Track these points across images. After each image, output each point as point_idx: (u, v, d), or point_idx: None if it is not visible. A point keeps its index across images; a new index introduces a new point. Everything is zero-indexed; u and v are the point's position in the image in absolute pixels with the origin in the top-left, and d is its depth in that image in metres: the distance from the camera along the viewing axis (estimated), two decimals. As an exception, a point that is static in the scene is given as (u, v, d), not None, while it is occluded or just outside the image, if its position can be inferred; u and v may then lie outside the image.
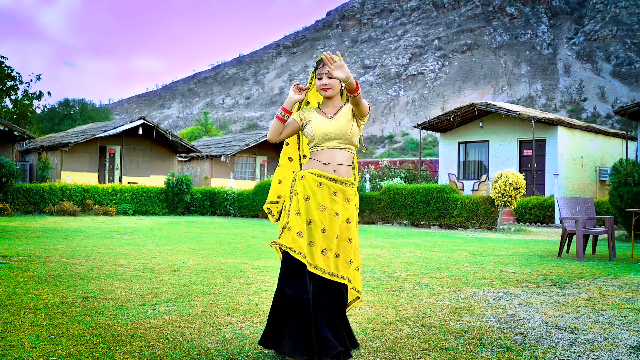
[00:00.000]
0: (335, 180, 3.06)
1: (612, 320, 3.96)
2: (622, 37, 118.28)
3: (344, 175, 3.09)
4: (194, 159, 28.04)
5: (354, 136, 3.11)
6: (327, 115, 3.12)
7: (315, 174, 3.06)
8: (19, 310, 3.92)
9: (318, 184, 3.04)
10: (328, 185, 3.05)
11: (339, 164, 3.09)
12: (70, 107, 45.77)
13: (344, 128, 3.08)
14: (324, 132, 3.07)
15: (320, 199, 3.03)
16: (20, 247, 8.08)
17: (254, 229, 13.74)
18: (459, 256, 7.99)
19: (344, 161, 3.10)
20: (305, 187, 3.05)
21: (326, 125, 3.08)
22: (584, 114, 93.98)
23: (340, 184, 3.08)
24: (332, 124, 3.08)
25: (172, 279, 5.49)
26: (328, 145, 3.09)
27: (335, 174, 3.07)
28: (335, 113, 3.13)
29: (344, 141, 3.09)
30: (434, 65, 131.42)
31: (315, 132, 3.07)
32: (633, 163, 11.22)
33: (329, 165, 3.07)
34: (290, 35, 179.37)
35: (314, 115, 3.14)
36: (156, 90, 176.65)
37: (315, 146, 3.11)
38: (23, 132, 21.52)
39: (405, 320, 3.82)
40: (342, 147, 3.10)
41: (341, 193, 3.08)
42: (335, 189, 3.06)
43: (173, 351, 3.01)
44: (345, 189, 3.09)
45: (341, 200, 3.08)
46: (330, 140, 3.08)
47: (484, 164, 21.62)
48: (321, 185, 3.04)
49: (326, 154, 3.09)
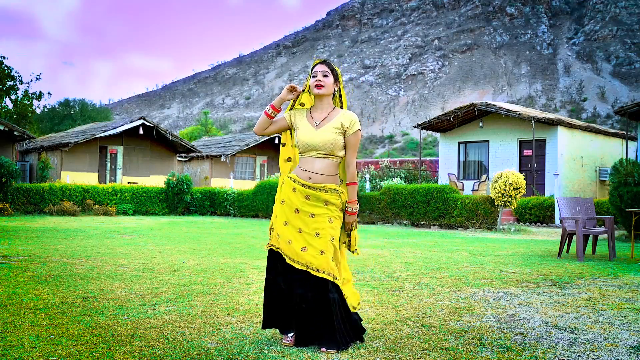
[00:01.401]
0: (308, 187, 3.22)
1: (612, 320, 3.96)
2: (622, 37, 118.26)
3: (319, 182, 3.23)
4: (194, 159, 28.04)
5: (337, 149, 3.24)
6: (314, 122, 3.26)
7: (292, 179, 3.26)
8: (19, 310, 3.92)
9: (292, 188, 3.24)
10: (300, 190, 3.23)
11: (315, 173, 3.23)
12: (70, 107, 45.79)
13: (327, 141, 3.22)
14: (306, 143, 3.24)
15: (295, 202, 3.22)
16: (20, 247, 8.08)
17: (254, 229, 13.74)
18: (459, 256, 7.99)
19: (321, 169, 3.24)
20: (282, 192, 3.29)
21: (310, 135, 3.23)
22: (584, 114, 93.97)
23: (314, 189, 3.22)
24: (317, 135, 3.23)
25: (172, 279, 5.49)
26: (310, 154, 3.25)
27: (310, 181, 3.23)
28: (323, 119, 3.25)
29: (325, 153, 3.23)
30: (434, 65, 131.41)
31: (299, 141, 3.26)
32: (633, 163, 11.22)
33: (306, 172, 3.25)
34: (290, 35, 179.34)
35: (302, 121, 3.29)
36: (156, 90, 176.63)
37: (300, 153, 3.30)
38: (23, 132, 21.52)
39: (405, 320, 3.82)
40: (323, 157, 3.24)
41: (313, 198, 3.22)
42: (308, 194, 3.22)
43: (173, 351, 3.01)
44: (320, 194, 3.22)
45: (317, 203, 3.22)
46: (312, 151, 3.24)
47: (484, 164, 21.62)
48: (295, 189, 3.23)
49: (307, 161, 3.27)
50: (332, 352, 3.02)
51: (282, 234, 3.20)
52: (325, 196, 3.21)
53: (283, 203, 3.25)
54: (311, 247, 3.13)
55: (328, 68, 3.27)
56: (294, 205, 3.21)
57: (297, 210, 3.20)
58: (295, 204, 3.21)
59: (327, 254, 3.14)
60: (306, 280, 3.13)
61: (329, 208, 3.22)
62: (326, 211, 3.21)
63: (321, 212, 3.20)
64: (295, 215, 3.20)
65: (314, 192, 3.20)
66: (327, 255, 3.13)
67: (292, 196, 3.22)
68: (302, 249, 3.13)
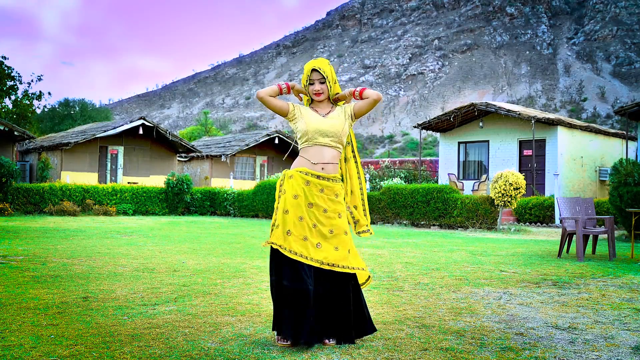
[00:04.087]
0: (323, 178, 3.26)
1: (612, 320, 3.96)
2: (622, 37, 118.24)
3: (331, 172, 3.30)
4: (194, 159, 28.04)
5: (344, 136, 3.35)
6: (320, 114, 3.36)
7: (303, 172, 3.25)
8: (19, 310, 3.92)
9: (306, 182, 3.24)
10: (315, 183, 3.24)
11: (327, 163, 3.29)
12: (70, 107, 45.76)
13: (337, 126, 3.31)
14: (317, 128, 3.28)
15: (309, 197, 3.22)
16: (20, 247, 8.08)
17: (254, 229, 13.74)
18: (459, 256, 7.99)
19: (331, 159, 3.31)
20: (293, 186, 3.24)
21: (320, 122, 3.30)
22: (584, 114, 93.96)
23: (328, 180, 3.27)
24: (326, 121, 3.31)
25: (172, 279, 5.49)
26: (320, 142, 3.28)
27: (323, 171, 3.27)
28: (328, 112, 3.38)
29: (335, 139, 3.30)
30: (434, 65, 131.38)
31: (308, 127, 3.28)
32: (633, 163, 11.22)
33: (317, 165, 3.27)
34: (290, 35, 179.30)
35: (308, 112, 3.37)
36: (156, 90, 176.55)
37: (307, 141, 3.29)
38: (23, 132, 21.52)
39: (405, 320, 3.82)
40: (332, 146, 3.30)
41: (328, 190, 3.26)
42: (322, 186, 3.25)
43: (173, 351, 3.01)
44: (333, 185, 3.28)
45: (329, 197, 3.26)
46: (323, 137, 3.28)
47: (484, 164, 21.62)
48: (309, 183, 3.23)
49: (315, 150, 3.28)
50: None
51: (296, 231, 3.16)
52: (337, 188, 3.30)
53: (296, 197, 3.21)
54: (326, 243, 3.18)
55: (322, 75, 3.34)
56: (307, 199, 3.21)
57: (311, 205, 3.21)
58: (309, 198, 3.21)
59: (342, 249, 3.21)
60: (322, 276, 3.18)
61: (339, 201, 3.29)
62: (336, 206, 3.27)
63: (332, 208, 3.26)
64: (309, 210, 3.21)
65: (327, 184, 3.26)
66: (341, 251, 3.20)
67: (306, 190, 3.22)
68: (317, 244, 3.16)
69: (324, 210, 3.22)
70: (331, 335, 3.20)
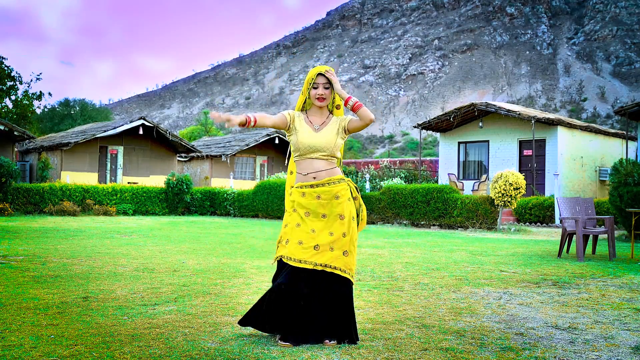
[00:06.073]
0: (316, 185, 3.30)
1: (612, 320, 3.96)
2: (622, 37, 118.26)
3: (324, 177, 3.32)
4: (194, 159, 28.04)
5: (337, 150, 3.37)
6: (313, 126, 3.36)
7: (298, 186, 3.34)
8: (19, 310, 3.92)
9: (301, 194, 3.31)
10: (309, 193, 3.30)
11: (318, 171, 3.32)
12: (70, 107, 45.72)
13: (329, 141, 3.32)
14: (309, 144, 3.31)
15: (306, 205, 3.29)
16: (20, 247, 8.08)
17: (254, 229, 13.74)
18: (459, 256, 7.99)
19: (322, 167, 3.33)
20: (292, 202, 3.36)
21: (312, 138, 3.32)
22: (584, 114, 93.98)
23: (322, 185, 3.30)
24: (318, 136, 3.33)
25: (172, 279, 5.49)
26: (311, 156, 3.32)
27: (315, 180, 3.31)
28: (322, 124, 3.37)
29: (326, 154, 3.33)
30: (434, 65, 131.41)
31: (300, 144, 3.32)
32: (633, 163, 11.22)
33: (308, 175, 3.32)
34: (290, 35, 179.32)
35: (302, 125, 3.37)
36: (156, 90, 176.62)
37: (299, 156, 3.35)
38: (23, 132, 21.51)
39: (405, 320, 3.82)
40: (323, 158, 3.33)
41: (325, 194, 3.29)
42: (318, 193, 3.29)
43: (173, 351, 3.01)
44: (330, 188, 3.30)
45: (327, 200, 3.29)
46: (314, 152, 3.31)
47: (484, 164, 21.62)
48: (304, 195, 3.30)
49: (306, 163, 3.33)
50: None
51: (293, 237, 3.25)
52: (335, 189, 3.31)
53: (295, 211, 3.33)
54: (323, 246, 3.21)
55: (328, 80, 3.36)
56: (304, 208, 3.30)
57: (308, 213, 3.30)
58: (306, 207, 3.30)
59: (337, 250, 3.23)
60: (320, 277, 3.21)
61: (339, 202, 3.29)
62: (336, 208, 3.28)
63: (331, 211, 3.28)
64: (307, 218, 3.29)
65: (323, 189, 3.29)
66: (336, 251, 3.23)
67: (303, 201, 3.31)
68: (315, 247, 3.20)
69: (322, 216, 3.28)
70: (331, 335, 3.21)
